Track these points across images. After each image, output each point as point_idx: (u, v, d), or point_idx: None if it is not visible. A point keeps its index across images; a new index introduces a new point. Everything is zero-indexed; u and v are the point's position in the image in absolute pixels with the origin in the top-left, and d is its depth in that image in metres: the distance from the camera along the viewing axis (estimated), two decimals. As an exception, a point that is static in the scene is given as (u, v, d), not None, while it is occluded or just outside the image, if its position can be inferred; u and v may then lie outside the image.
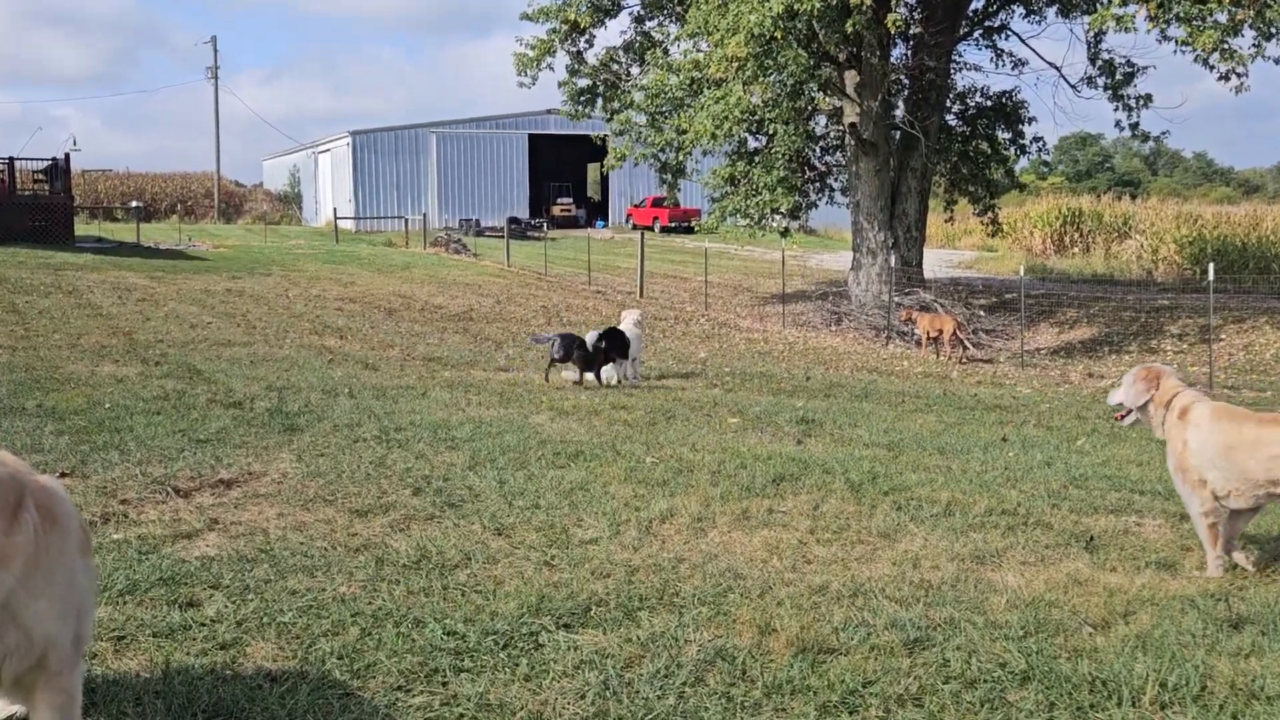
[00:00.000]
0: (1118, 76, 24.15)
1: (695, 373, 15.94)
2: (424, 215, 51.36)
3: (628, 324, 13.68)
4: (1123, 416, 5.86)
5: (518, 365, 15.19)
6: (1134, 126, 23.89)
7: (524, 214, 63.60)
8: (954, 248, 50.71)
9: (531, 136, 65.09)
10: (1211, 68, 18.79)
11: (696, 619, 4.68)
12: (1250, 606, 4.98)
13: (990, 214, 28.96)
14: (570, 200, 68.61)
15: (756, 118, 24.25)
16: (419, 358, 15.48)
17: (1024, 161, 29.75)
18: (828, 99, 26.26)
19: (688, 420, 10.12)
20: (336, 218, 52.45)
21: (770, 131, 25.20)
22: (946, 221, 35.29)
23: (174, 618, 4.48)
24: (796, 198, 26.20)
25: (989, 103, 28.05)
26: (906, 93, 26.94)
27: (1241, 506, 5.30)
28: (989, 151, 28.00)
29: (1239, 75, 19.05)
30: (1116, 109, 23.91)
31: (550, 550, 5.59)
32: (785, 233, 27.92)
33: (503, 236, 41.22)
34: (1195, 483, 5.38)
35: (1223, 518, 5.42)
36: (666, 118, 26.47)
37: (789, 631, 4.51)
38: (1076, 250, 42.97)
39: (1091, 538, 6.17)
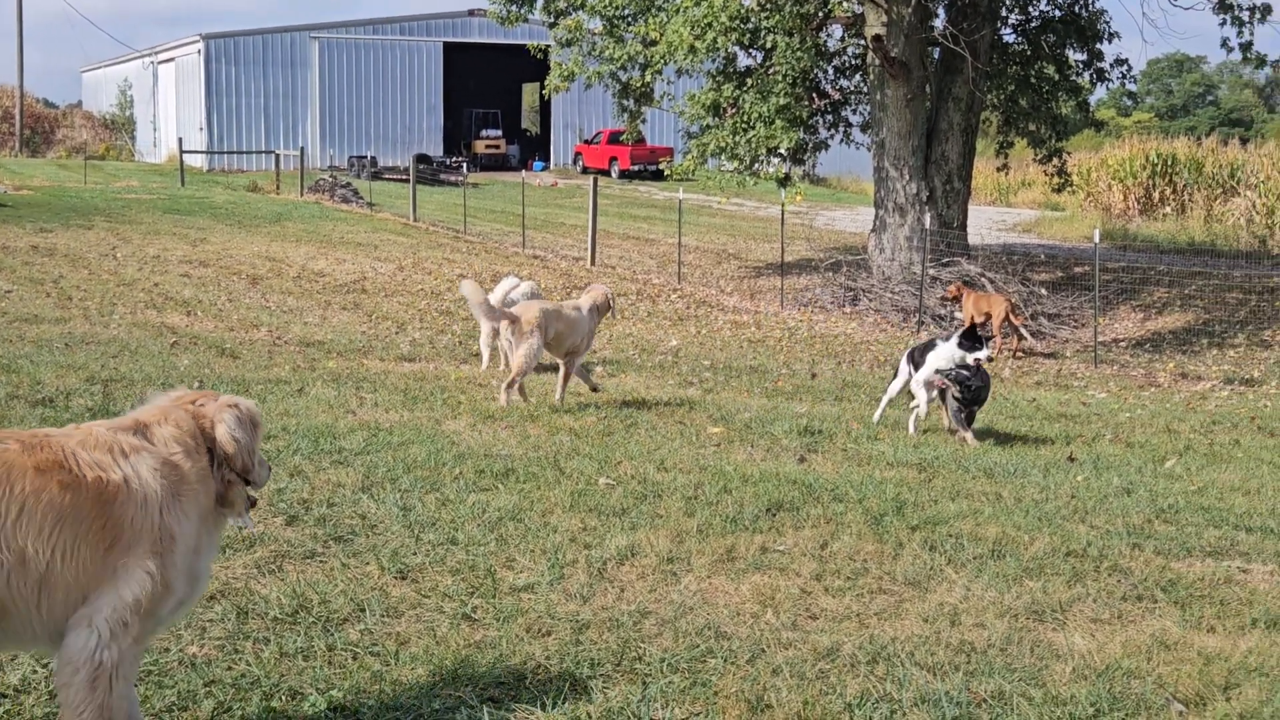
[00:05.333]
0: (1227, -23, 24.15)
1: (664, 366, 15.95)
2: (301, 150, 50.97)
3: (518, 294, 13.76)
4: None
5: (427, 354, 15.16)
6: (1246, 47, 23.83)
7: (436, 151, 63.35)
8: (1008, 205, 50.93)
9: (448, 46, 64.79)
10: None
11: (666, 691, 4.70)
12: None
13: (1056, 161, 29.03)
14: (499, 134, 68.44)
15: (750, 26, 24.20)
16: (294, 342, 15.40)
17: (1102, 91, 29.87)
18: (845, 4, 26.28)
19: (654, 429, 10.13)
20: (182, 151, 51.91)
21: (768, 45, 25.19)
22: (999, 170, 35.33)
23: (-34, 686, 4.45)
24: (801, 134, 26.14)
25: (1057, 12, 28.11)
26: (949, -3, 26.97)
27: (552, 360, 11.40)
28: (1056, 77, 28.04)
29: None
30: (1223, 23, 23.80)
31: (471, 600, 5.59)
32: (785, 181, 27.88)
33: (407, 181, 41.02)
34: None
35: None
36: (630, 24, 26.40)
37: (788, 708, 4.54)
38: (1168, 210, 43.21)
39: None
